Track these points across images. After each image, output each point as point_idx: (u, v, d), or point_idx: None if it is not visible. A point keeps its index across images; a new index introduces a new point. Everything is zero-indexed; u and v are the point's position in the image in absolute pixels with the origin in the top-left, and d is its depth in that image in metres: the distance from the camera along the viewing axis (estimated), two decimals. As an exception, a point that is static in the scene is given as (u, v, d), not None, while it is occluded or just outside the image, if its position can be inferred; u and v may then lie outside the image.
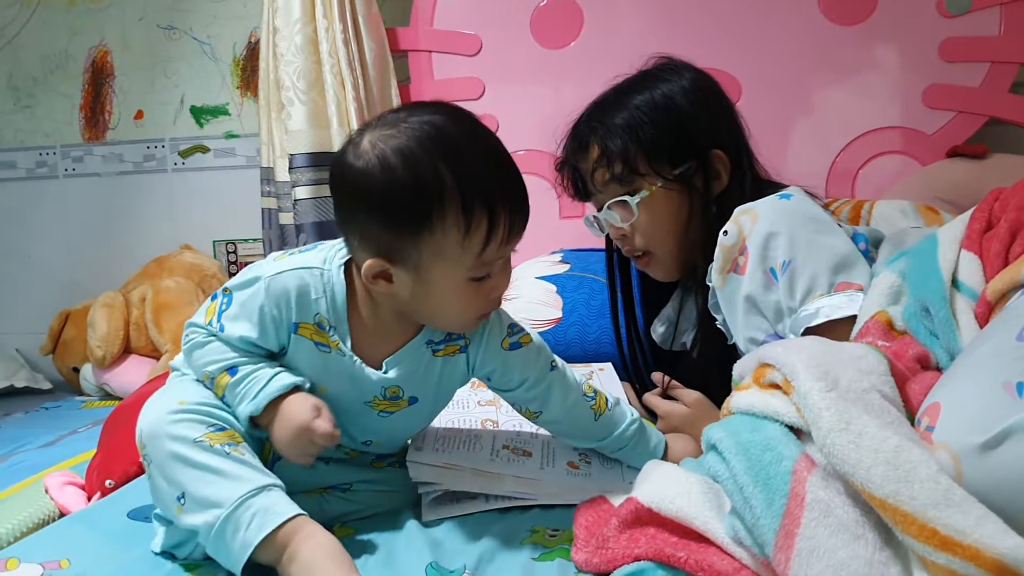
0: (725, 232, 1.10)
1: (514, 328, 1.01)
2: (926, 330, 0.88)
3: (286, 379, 0.91)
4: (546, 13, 2.03)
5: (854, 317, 0.99)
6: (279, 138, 2.01)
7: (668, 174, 1.21)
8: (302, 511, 0.82)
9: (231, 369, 0.91)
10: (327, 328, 0.92)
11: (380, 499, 1.02)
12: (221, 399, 0.91)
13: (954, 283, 0.88)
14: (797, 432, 0.72)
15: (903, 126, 1.91)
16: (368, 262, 0.87)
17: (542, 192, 2.19)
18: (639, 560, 0.72)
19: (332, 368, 0.94)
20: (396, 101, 2.06)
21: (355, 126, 1.88)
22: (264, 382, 0.90)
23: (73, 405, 1.94)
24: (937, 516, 0.60)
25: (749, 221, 1.09)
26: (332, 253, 0.95)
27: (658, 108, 1.21)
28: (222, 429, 0.87)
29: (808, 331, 1.02)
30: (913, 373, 0.81)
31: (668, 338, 1.38)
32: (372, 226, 0.86)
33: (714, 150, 1.21)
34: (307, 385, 0.93)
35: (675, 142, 1.20)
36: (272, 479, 0.84)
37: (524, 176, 0.89)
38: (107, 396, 2.01)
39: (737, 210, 1.11)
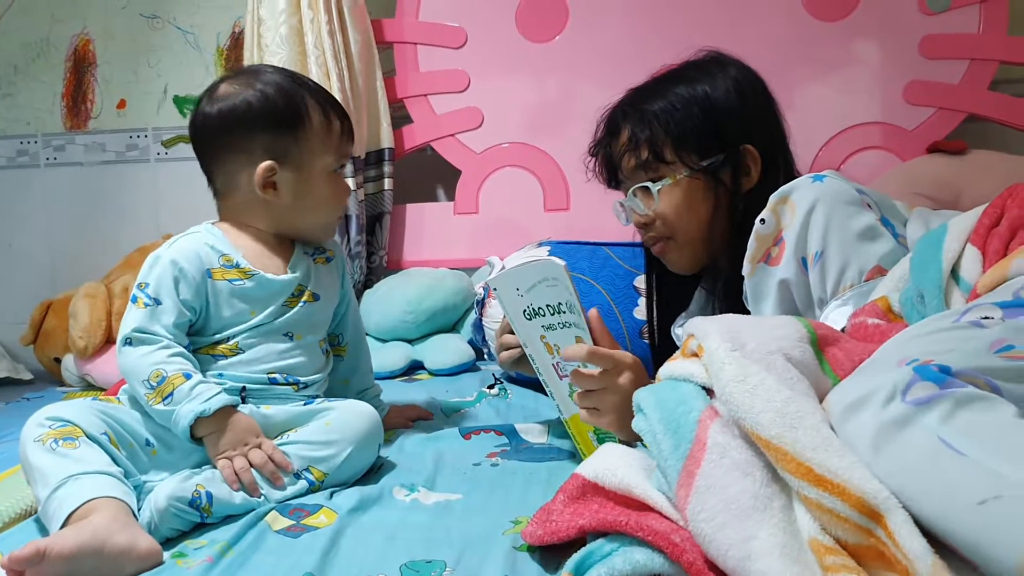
0: (762, 220, 1.09)
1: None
2: (918, 315, 0.91)
3: (230, 396, 1.07)
4: (531, 6, 2.04)
5: None
6: (263, 129, 2.00)
7: (694, 164, 1.20)
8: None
9: (187, 374, 1.05)
10: (232, 264, 1.13)
11: (318, 432, 1.08)
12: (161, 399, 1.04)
13: (954, 275, 0.92)
14: (710, 392, 0.80)
15: (884, 122, 1.93)
16: (260, 166, 1.12)
17: (527, 184, 2.18)
18: (583, 530, 0.78)
19: (251, 293, 1.13)
20: (381, 93, 2.06)
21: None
22: (215, 391, 1.05)
23: (55, 396, 1.92)
24: (814, 457, 0.67)
25: (788, 212, 1.08)
26: (200, 226, 1.17)
27: (694, 99, 1.21)
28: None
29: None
30: None
31: None
32: (256, 137, 1.12)
33: (746, 146, 1.21)
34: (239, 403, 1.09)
35: (705, 133, 1.20)
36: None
37: (509, 168, 0.91)
38: (89, 387, 1.99)
39: (773, 197, 1.09)
